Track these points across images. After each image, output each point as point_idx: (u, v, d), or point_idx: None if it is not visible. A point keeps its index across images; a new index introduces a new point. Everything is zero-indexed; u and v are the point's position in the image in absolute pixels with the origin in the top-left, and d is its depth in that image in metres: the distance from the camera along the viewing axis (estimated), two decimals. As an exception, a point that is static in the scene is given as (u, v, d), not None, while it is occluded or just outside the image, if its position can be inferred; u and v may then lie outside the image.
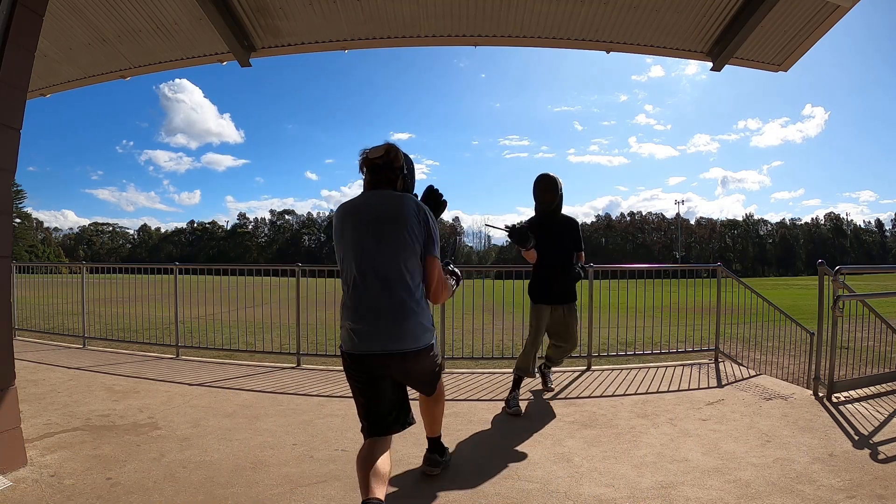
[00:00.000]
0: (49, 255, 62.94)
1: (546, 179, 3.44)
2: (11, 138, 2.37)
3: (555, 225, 3.45)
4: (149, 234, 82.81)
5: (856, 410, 3.20)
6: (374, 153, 2.00)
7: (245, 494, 2.15)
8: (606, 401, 3.59)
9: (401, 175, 2.03)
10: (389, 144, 2.03)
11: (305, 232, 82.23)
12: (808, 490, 2.15)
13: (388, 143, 2.04)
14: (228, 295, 6.15)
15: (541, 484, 2.27)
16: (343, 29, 4.12)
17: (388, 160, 2.00)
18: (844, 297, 3.50)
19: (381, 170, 2.00)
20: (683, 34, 4.11)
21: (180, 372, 4.46)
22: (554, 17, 3.96)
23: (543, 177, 3.45)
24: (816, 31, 3.87)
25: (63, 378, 4.16)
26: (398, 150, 2.04)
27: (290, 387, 4.00)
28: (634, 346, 5.67)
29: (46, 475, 2.28)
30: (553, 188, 3.41)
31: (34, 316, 6.91)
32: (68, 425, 2.99)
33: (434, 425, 2.37)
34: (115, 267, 6.56)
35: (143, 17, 3.91)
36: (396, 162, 2.01)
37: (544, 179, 3.44)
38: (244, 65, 4.32)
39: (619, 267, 5.48)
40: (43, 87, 4.82)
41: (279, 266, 5.63)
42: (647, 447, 2.69)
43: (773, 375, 4.32)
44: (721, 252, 70.75)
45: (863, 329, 4.10)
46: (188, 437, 2.82)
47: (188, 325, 6.85)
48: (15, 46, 2.33)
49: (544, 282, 3.45)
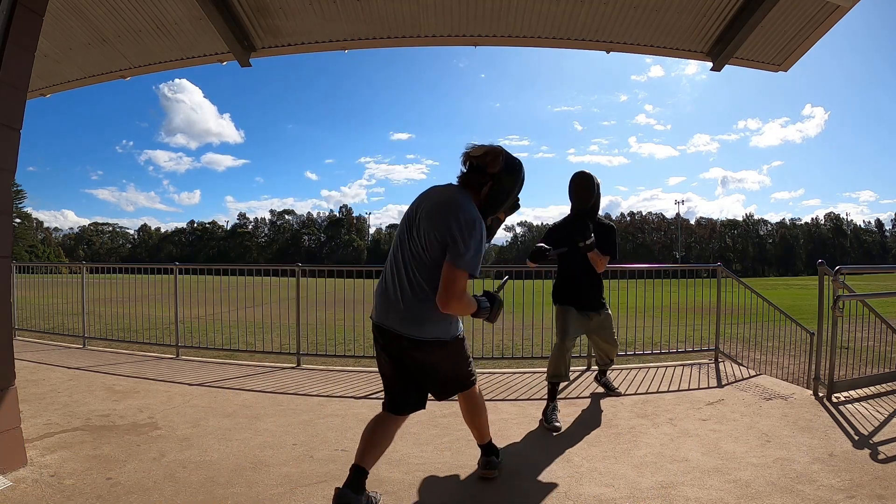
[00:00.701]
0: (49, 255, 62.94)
1: (583, 177, 3.25)
2: (11, 138, 2.37)
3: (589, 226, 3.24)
4: (149, 234, 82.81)
5: (856, 410, 3.20)
6: (474, 151, 1.99)
7: (245, 494, 2.15)
8: (606, 401, 3.59)
9: (490, 182, 1.98)
10: (493, 148, 1.99)
11: (305, 232, 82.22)
12: (808, 490, 2.15)
13: (492, 147, 1.99)
14: (228, 295, 6.15)
15: (541, 484, 2.27)
16: (343, 29, 4.12)
17: (482, 163, 1.98)
18: (844, 297, 3.50)
19: (472, 169, 2.00)
20: (683, 34, 4.11)
21: (180, 372, 4.46)
22: (554, 17, 3.96)
23: (580, 174, 3.27)
24: (816, 31, 3.87)
25: (63, 378, 4.16)
26: (500, 157, 1.98)
27: (290, 387, 4.00)
28: (634, 346, 5.67)
29: (46, 475, 2.28)
30: (590, 186, 3.24)
31: (34, 316, 6.91)
32: (68, 425, 2.98)
33: (480, 433, 2.32)
34: (115, 267, 6.56)
35: (143, 17, 3.91)
36: (490, 167, 1.97)
37: (581, 177, 3.26)
38: (244, 65, 4.32)
39: (619, 267, 5.48)
40: (43, 87, 4.82)
41: (279, 266, 5.63)
42: (647, 447, 2.69)
43: (773, 375, 4.32)
44: (721, 252, 70.76)
45: (863, 329, 4.10)
46: (188, 437, 2.82)
47: (188, 325, 6.84)
48: (15, 46, 2.33)
49: (568, 282, 3.32)
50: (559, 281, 3.39)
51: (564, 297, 3.32)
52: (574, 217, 3.31)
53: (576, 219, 3.26)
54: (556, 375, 3.22)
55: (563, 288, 3.35)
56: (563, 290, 3.34)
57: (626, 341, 5.86)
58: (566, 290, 3.33)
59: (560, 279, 3.39)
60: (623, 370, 4.54)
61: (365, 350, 5.38)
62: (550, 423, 3.00)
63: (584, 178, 3.26)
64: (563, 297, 3.33)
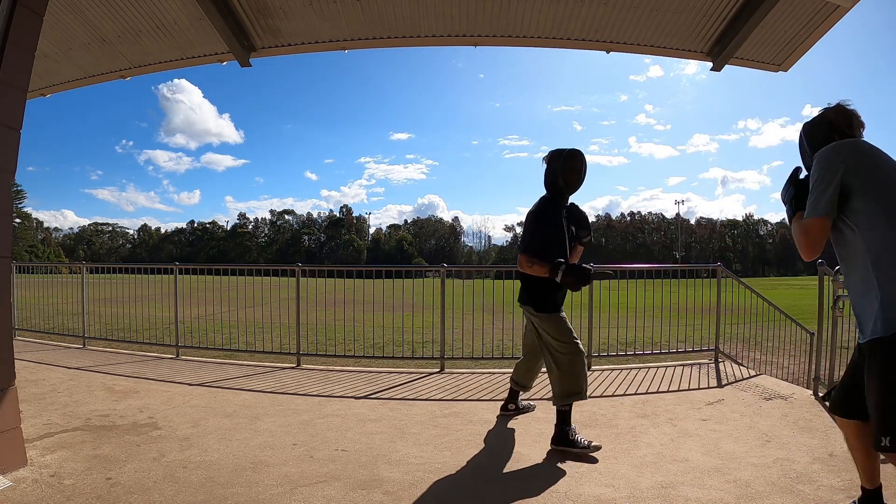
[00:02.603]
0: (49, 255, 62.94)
1: (583, 158, 2.83)
2: (11, 138, 2.37)
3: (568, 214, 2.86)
4: (149, 234, 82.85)
5: (856, 410, 3.20)
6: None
7: (245, 494, 2.14)
8: (606, 401, 3.59)
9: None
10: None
11: (305, 232, 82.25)
12: (808, 490, 2.15)
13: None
14: (228, 295, 6.15)
15: (541, 484, 2.27)
16: (343, 29, 4.12)
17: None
18: (844, 297, 3.50)
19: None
20: (683, 34, 4.11)
21: (180, 372, 4.46)
22: (554, 17, 3.96)
23: (579, 154, 2.83)
24: (816, 32, 3.87)
25: (63, 378, 4.15)
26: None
27: (290, 387, 4.00)
28: (634, 346, 5.67)
29: (46, 475, 2.28)
30: (584, 170, 2.84)
31: (34, 316, 6.91)
32: (68, 425, 2.98)
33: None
34: (115, 267, 6.56)
35: (143, 17, 3.91)
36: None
37: (581, 157, 2.83)
38: (244, 65, 4.32)
39: (619, 267, 5.49)
40: (43, 87, 4.81)
41: (279, 266, 5.64)
42: (647, 447, 2.69)
43: (773, 375, 4.32)
44: (721, 252, 70.72)
45: (863, 329, 4.09)
46: (188, 437, 2.82)
47: (188, 325, 6.84)
48: (15, 46, 2.33)
49: (559, 285, 2.73)
50: (551, 284, 2.72)
51: (560, 303, 2.85)
52: (571, 206, 2.90)
53: (574, 209, 2.90)
54: (580, 393, 2.71)
55: (558, 292, 2.81)
56: (558, 295, 2.82)
57: (626, 341, 5.87)
58: (561, 294, 2.84)
59: (549, 283, 2.72)
60: (623, 370, 4.54)
61: (365, 350, 5.39)
62: (591, 447, 2.60)
63: (584, 159, 2.86)
64: (559, 303, 2.84)
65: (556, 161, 2.83)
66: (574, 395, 2.69)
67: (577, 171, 2.84)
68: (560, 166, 2.81)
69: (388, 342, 6.19)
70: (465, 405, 3.48)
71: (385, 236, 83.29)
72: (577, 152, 2.84)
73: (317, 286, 5.52)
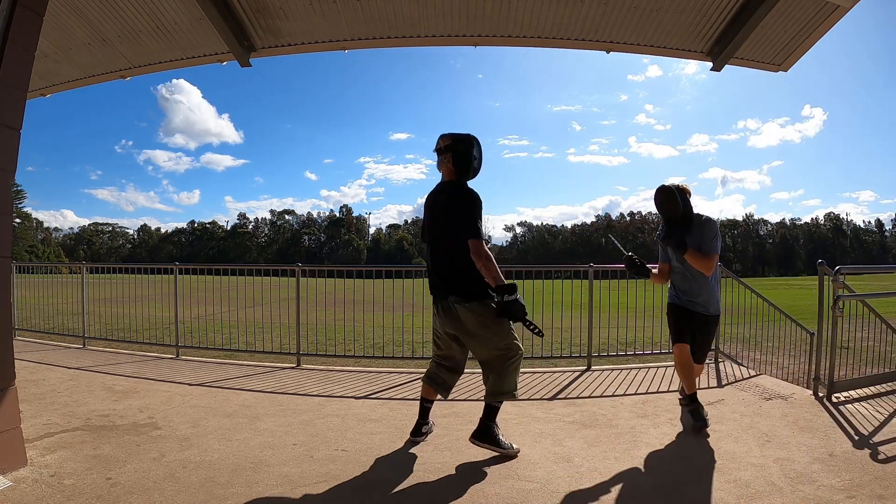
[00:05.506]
0: (49, 255, 62.96)
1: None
2: (11, 138, 2.37)
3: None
4: (148, 234, 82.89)
5: (856, 410, 3.20)
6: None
7: (245, 494, 2.14)
8: (606, 401, 3.59)
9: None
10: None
11: (305, 232, 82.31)
12: (808, 490, 2.15)
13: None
14: (228, 295, 6.14)
15: (541, 484, 2.27)
16: (343, 29, 4.12)
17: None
18: (844, 297, 3.50)
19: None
20: (683, 34, 4.11)
21: (180, 372, 4.46)
22: (554, 17, 3.96)
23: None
24: (816, 31, 3.87)
25: (63, 378, 4.15)
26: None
27: (290, 387, 4.00)
28: (634, 346, 5.67)
29: (46, 475, 2.28)
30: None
31: (34, 316, 6.90)
32: (68, 425, 2.98)
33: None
34: (115, 267, 6.56)
35: (142, 17, 3.91)
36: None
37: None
38: (244, 65, 4.32)
39: (619, 267, 5.47)
40: (43, 87, 4.82)
41: (279, 266, 5.63)
42: (647, 447, 2.69)
43: (773, 375, 4.32)
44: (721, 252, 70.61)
45: (863, 329, 4.10)
46: (188, 437, 2.82)
47: (188, 325, 6.84)
48: (15, 46, 2.33)
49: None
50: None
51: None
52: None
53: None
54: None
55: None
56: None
57: (626, 341, 5.87)
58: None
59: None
60: (623, 370, 4.54)
61: (365, 350, 5.39)
62: (513, 448, 2.61)
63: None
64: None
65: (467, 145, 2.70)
66: (507, 394, 2.63)
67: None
68: (478, 152, 2.72)
69: (388, 342, 6.19)
70: (465, 405, 3.48)
71: (385, 236, 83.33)
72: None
73: (317, 286, 5.52)
